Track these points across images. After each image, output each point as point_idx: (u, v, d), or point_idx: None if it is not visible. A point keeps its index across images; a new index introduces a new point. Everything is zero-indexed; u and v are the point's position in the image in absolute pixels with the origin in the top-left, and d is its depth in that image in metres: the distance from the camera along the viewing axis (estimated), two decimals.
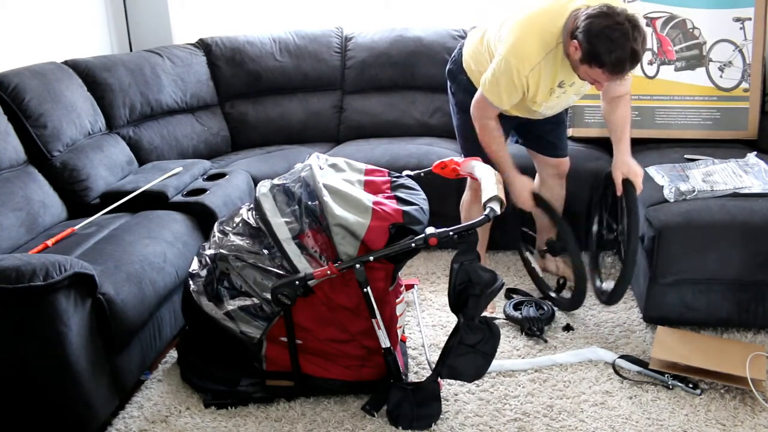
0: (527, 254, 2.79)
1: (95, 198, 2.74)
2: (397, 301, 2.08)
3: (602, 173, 2.82)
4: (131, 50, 3.79)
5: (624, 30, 1.93)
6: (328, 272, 1.85)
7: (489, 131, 2.33)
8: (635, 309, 2.51)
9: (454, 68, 2.54)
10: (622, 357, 2.17)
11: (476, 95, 2.30)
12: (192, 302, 2.08)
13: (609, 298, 2.34)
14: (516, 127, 2.55)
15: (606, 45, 1.94)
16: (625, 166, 2.31)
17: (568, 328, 2.40)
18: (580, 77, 2.12)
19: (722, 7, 2.94)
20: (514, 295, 2.63)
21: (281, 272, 1.95)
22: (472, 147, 2.54)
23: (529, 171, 2.76)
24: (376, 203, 1.94)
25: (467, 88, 2.47)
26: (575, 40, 2.01)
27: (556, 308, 2.49)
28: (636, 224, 2.21)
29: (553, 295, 2.55)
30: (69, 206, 2.66)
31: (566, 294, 2.45)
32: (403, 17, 3.86)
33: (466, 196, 2.69)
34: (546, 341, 2.33)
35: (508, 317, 2.44)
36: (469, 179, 2.63)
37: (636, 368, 2.13)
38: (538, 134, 2.56)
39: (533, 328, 2.35)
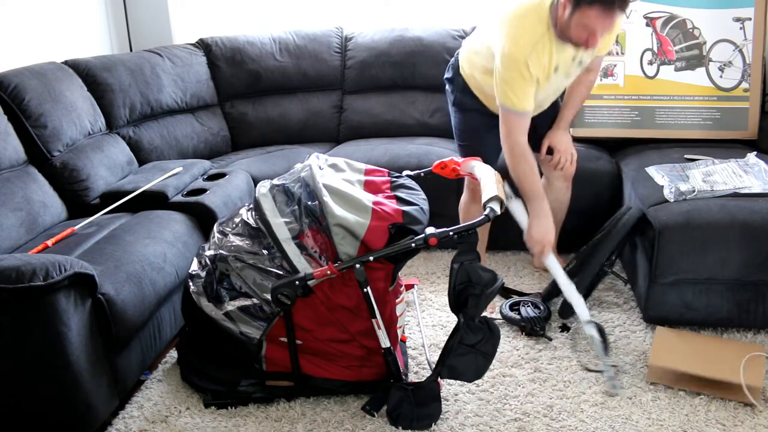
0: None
1: (95, 198, 2.74)
2: (397, 301, 2.07)
3: (601, 173, 2.83)
4: (131, 50, 3.79)
5: None
6: (328, 272, 1.85)
7: (517, 153, 2.25)
8: (635, 309, 2.51)
9: (452, 73, 2.57)
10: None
11: (499, 114, 2.27)
12: (192, 303, 2.08)
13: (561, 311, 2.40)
14: None
15: None
16: (556, 138, 2.50)
17: (565, 328, 2.40)
18: (573, 40, 2.14)
19: (722, 7, 2.93)
20: (511, 295, 2.62)
21: (281, 272, 1.95)
22: (469, 147, 2.55)
23: None
24: (376, 203, 1.94)
25: (464, 88, 2.50)
26: None
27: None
28: (607, 246, 2.27)
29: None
30: (69, 206, 2.66)
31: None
32: (403, 17, 3.86)
33: (464, 196, 2.69)
34: (550, 339, 2.33)
35: (506, 318, 2.43)
36: (466, 179, 2.63)
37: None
38: (543, 134, 2.56)
39: (536, 328, 2.35)
